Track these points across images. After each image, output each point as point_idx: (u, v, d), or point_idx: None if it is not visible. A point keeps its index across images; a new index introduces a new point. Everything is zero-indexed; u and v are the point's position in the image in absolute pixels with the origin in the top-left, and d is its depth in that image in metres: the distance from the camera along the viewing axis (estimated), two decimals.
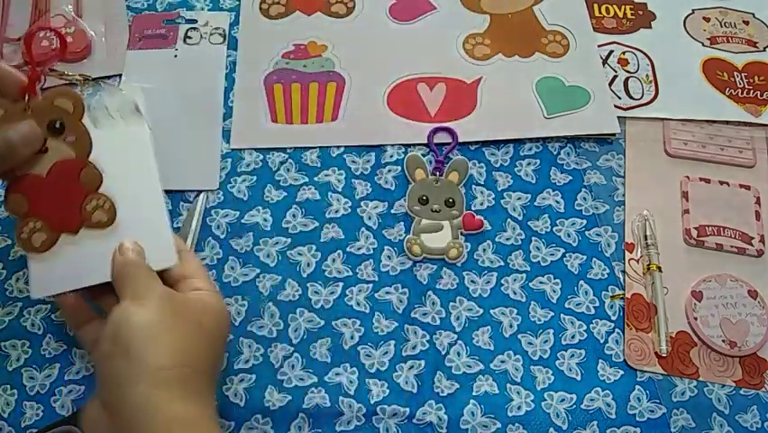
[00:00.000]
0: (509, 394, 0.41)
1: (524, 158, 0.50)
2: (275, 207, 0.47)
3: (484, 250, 0.46)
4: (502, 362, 0.42)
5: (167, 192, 0.41)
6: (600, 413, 0.40)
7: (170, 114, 0.50)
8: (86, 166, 0.38)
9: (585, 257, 0.46)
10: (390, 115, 0.51)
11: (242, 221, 0.46)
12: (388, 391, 0.41)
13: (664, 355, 0.42)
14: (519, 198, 0.48)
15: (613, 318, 0.43)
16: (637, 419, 0.40)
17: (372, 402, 0.40)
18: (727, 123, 0.52)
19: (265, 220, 0.46)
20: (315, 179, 0.48)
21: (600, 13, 0.57)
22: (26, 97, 0.37)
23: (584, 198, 0.48)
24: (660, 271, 0.44)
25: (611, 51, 0.55)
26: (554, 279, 0.45)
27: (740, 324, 0.43)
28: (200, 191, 0.47)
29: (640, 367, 0.42)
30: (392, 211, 0.47)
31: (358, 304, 0.43)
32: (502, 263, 0.45)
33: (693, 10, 0.58)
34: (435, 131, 0.50)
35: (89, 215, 0.38)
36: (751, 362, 0.42)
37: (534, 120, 0.50)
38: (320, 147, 0.49)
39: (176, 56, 0.53)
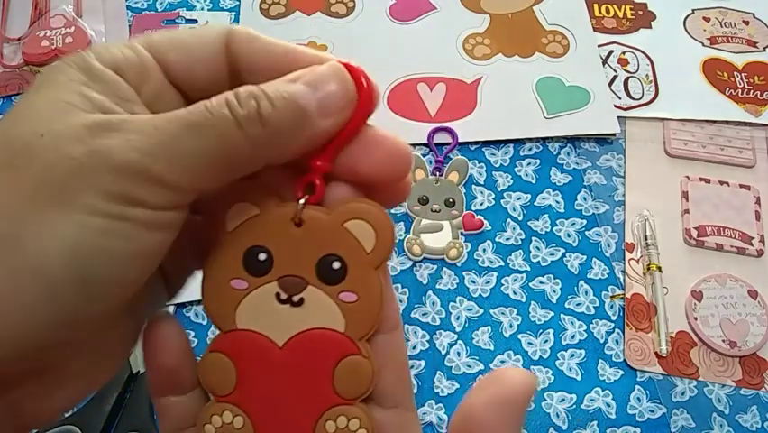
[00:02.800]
0: None
1: (524, 158, 0.50)
2: None
3: (484, 250, 0.46)
4: (502, 362, 0.42)
5: None
6: (600, 413, 0.40)
7: None
8: (357, 354, 0.21)
9: (585, 257, 0.46)
10: (390, 115, 0.51)
11: None
12: None
13: (664, 355, 0.42)
14: (519, 198, 0.48)
15: (613, 318, 0.43)
16: (637, 419, 0.40)
17: None
18: (727, 123, 0.52)
19: None
20: None
21: (600, 13, 0.57)
22: (300, 200, 0.20)
23: (584, 198, 0.48)
24: (660, 271, 0.44)
25: (611, 51, 0.55)
26: (554, 279, 0.45)
27: (740, 324, 0.43)
28: None
29: (640, 367, 0.42)
30: (392, 211, 0.47)
31: None
32: (502, 263, 0.45)
33: (693, 10, 0.58)
34: (435, 131, 0.50)
35: None
36: (751, 362, 0.42)
37: (534, 120, 0.50)
38: None
39: None
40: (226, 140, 0.17)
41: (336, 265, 0.21)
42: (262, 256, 0.21)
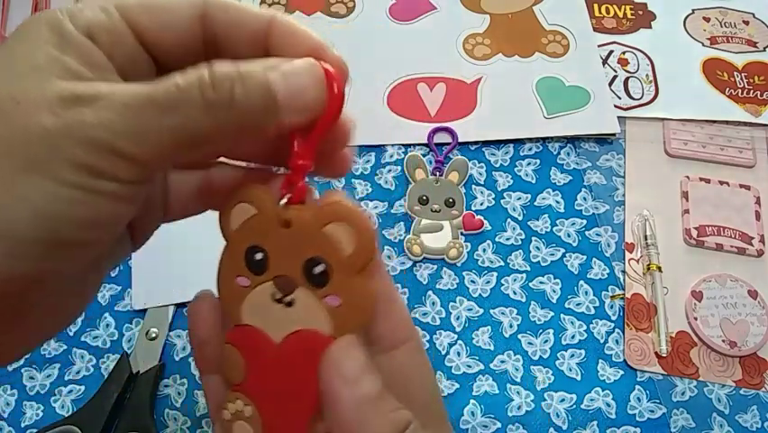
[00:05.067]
0: (509, 394, 0.41)
1: (524, 158, 0.50)
2: None
3: (484, 250, 0.46)
4: (502, 362, 0.42)
5: None
6: (600, 413, 0.40)
7: None
8: None
9: (585, 257, 0.46)
10: (390, 115, 0.51)
11: None
12: None
13: (664, 355, 0.42)
14: (519, 198, 0.48)
15: (613, 318, 0.43)
16: (637, 419, 0.40)
17: None
18: (727, 123, 0.52)
19: None
20: (316, 179, 0.48)
21: (600, 13, 0.57)
22: (282, 198, 0.21)
23: (584, 198, 0.48)
24: (660, 271, 0.44)
25: (611, 51, 0.55)
26: (554, 279, 0.45)
27: (740, 324, 0.43)
28: None
29: (640, 367, 0.42)
30: (392, 211, 0.47)
31: None
32: (502, 263, 0.45)
33: (693, 10, 0.58)
34: (435, 131, 0.50)
35: None
36: (751, 362, 0.42)
37: (534, 120, 0.50)
38: None
39: None
40: (192, 121, 0.18)
41: (319, 269, 0.20)
42: (259, 256, 0.21)
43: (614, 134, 0.50)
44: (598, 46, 0.55)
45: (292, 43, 0.20)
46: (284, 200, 0.21)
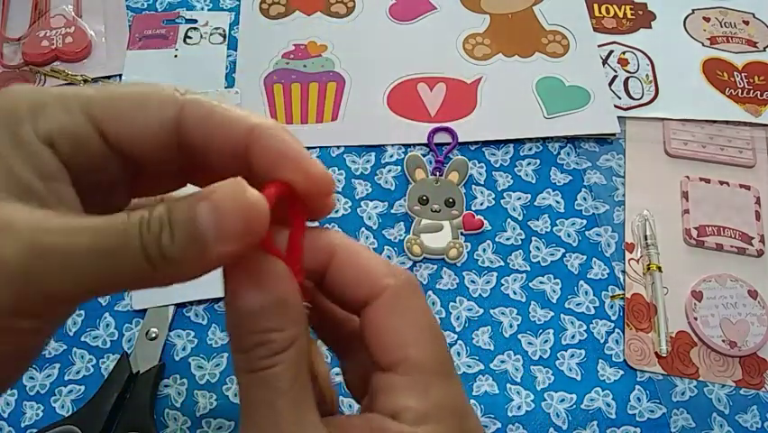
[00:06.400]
0: (509, 394, 0.41)
1: (524, 158, 0.50)
2: None
3: (484, 250, 0.46)
4: (502, 362, 0.42)
5: None
6: (600, 413, 0.40)
7: None
8: None
9: (585, 257, 0.46)
10: (390, 115, 0.51)
11: None
12: None
13: (664, 355, 0.42)
14: (519, 198, 0.48)
15: (613, 318, 0.43)
16: (637, 419, 0.40)
17: None
18: (727, 123, 0.52)
19: None
20: None
21: (600, 13, 0.57)
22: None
23: (584, 198, 0.48)
24: (660, 271, 0.44)
25: (611, 51, 0.55)
26: (554, 279, 0.45)
27: (740, 324, 0.43)
28: None
29: (640, 367, 0.42)
30: (392, 211, 0.47)
31: None
32: (502, 263, 0.45)
33: (693, 10, 0.58)
34: (435, 131, 0.50)
35: None
36: (751, 362, 0.42)
37: (534, 120, 0.50)
38: (320, 147, 0.49)
39: (176, 56, 0.53)
40: (135, 269, 0.17)
41: None
42: None
43: (614, 134, 0.50)
44: (599, 46, 0.55)
45: (273, 156, 0.20)
46: None
